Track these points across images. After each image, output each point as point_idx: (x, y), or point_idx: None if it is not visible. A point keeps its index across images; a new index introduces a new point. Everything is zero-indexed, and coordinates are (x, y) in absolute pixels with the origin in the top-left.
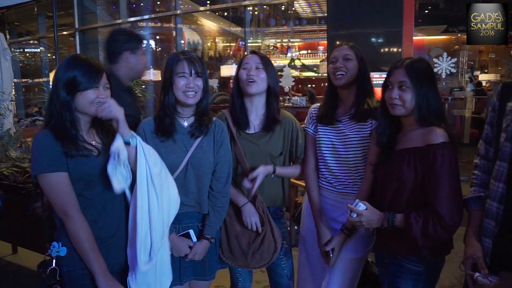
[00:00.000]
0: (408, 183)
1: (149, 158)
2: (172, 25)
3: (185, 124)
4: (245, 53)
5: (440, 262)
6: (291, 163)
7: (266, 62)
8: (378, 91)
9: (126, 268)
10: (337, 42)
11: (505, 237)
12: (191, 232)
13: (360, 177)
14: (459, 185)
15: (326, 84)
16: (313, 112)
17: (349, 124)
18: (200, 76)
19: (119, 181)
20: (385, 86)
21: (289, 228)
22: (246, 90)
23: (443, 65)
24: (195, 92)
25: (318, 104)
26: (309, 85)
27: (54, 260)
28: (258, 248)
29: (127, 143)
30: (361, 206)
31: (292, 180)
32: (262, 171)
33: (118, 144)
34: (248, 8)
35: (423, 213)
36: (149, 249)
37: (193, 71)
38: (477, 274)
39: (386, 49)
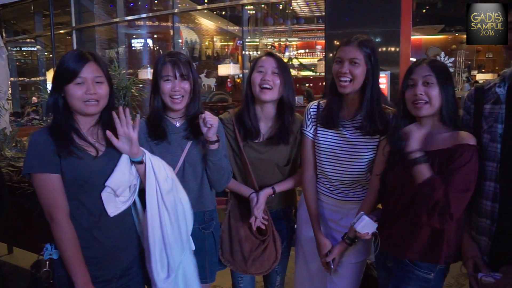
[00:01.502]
0: None
1: (159, 174)
2: (169, 24)
3: (177, 124)
4: (243, 52)
5: (447, 269)
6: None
7: (283, 67)
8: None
9: (123, 276)
10: (336, 42)
11: (505, 234)
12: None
13: (361, 187)
14: (472, 192)
15: (324, 84)
16: (312, 112)
17: (355, 133)
18: (186, 78)
19: (116, 207)
20: (406, 85)
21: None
22: (259, 96)
23: None
24: (182, 96)
25: (316, 103)
26: (307, 84)
27: (47, 262)
28: (259, 256)
29: (139, 162)
30: (365, 219)
31: None
32: (262, 198)
33: (117, 179)
34: (246, 7)
35: (442, 188)
36: (167, 265)
37: (177, 74)
38: (480, 274)
39: (384, 49)
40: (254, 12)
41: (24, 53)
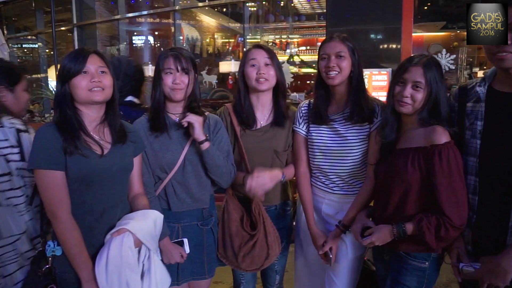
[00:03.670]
0: (414, 184)
1: None
2: (170, 21)
3: (177, 120)
4: (244, 49)
5: (441, 257)
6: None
7: (273, 57)
8: (377, 87)
9: None
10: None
11: (483, 225)
12: (185, 241)
13: (356, 181)
14: (464, 183)
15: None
16: (303, 110)
17: (345, 124)
18: (186, 72)
19: None
20: (397, 81)
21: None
22: (257, 87)
23: (442, 62)
24: (181, 89)
25: (307, 102)
26: (308, 82)
27: (50, 259)
28: (249, 252)
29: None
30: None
31: None
32: (268, 178)
33: None
34: (247, 4)
35: (433, 217)
36: None
37: (179, 67)
38: (461, 264)
39: (385, 46)
40: (255, 9)
41: (26, 50)
